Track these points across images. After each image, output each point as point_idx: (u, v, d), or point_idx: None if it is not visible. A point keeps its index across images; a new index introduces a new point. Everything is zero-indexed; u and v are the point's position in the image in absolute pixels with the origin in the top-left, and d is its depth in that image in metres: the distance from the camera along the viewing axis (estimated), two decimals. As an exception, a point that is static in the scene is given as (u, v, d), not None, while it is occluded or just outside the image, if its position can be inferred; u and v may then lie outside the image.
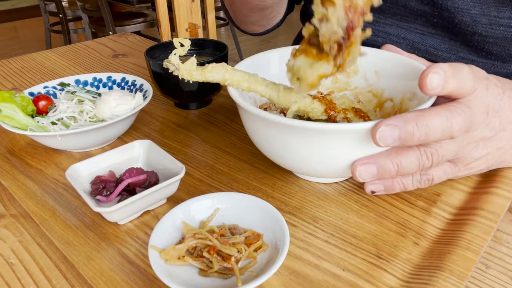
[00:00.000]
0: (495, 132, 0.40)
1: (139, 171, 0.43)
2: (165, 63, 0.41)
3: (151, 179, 0.43)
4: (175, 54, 0.41)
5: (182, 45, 0.41)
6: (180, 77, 0.41)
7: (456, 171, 0.42)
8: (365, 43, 0.63)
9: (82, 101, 0.56)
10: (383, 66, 0.50)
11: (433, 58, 0.59)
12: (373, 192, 0.40)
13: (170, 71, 0.41)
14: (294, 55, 0.38)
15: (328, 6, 0.32)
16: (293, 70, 0.38)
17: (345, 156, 0.38)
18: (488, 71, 0.56)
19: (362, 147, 0.37)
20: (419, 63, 0.45)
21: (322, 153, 0.38)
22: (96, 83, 0.63)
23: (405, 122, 0.34)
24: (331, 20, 0.32)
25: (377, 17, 0.60)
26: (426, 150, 0.38)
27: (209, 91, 0.62)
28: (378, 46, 0.61)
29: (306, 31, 0.37)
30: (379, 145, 0.35)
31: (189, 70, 0.41)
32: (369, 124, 0.35)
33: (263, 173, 0.48)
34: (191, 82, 0.41)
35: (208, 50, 0.66)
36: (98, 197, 0.41)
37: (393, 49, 0.48)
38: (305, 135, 0.37)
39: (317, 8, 0.33)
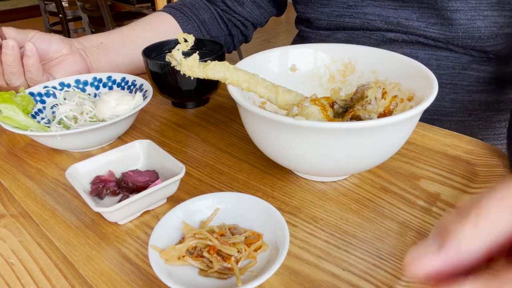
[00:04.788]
0: None
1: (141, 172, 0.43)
2: (168, 58, 0.41)
3: (151, 179, 0.43)
4: (178, 49, 0.41)
5: (185, 41, 0.41)
6: (181, 72, 0.41)
7: None
8: (344, 26, 0.68)
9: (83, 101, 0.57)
10: (380, 65, 0.50)
11: (405, 29, 0.63)
12: None
13: (172, 65, 0.41)
14: (313, 100, 0.43)
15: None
16: (302, 111, 0.42)
17: (347, 154, 0.38)
18: (457, 32, 0.59)
19: (365, 145, 0.38)
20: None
21: (323, 151, 0.38)
22: (96, 83, 0.63)
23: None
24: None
25: (356, 2, 0.66)
26: None
27: (207, 90, 0.62)
28: (357, 27, 0.67)
29: (333, 95, 0.46)
30: None
31: (191, 66, 0.41)
32: (371, 123, 0.35)
33: (263, 173, 0.48)
34: (192, 78, 0.41)
35: (205, 50, 0.66)
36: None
37: None
38: (307, 134, 0.37)
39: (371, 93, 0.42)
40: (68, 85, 0.61)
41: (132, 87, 0.61)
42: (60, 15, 3.01)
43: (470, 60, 0.63)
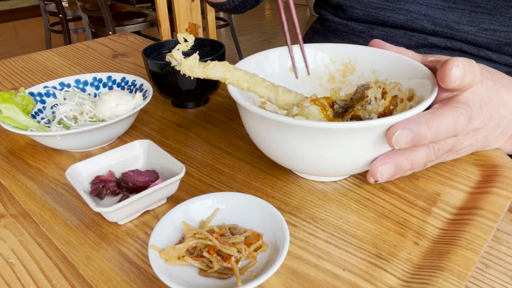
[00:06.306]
0: (484, 123, 0.43)
1: (140, 172, 0.43)
2: (168, 57, 0.41)
3: (151, 179, 0.43)
4: (178, 49, 0.41)
5: (185, 41, 0.41)
6: (181, 72, 0.41)
7: (445, 157, 0.46)
8: (383, 21, 0.63)
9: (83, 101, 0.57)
10: (380, 65, 0.50)
11: (454, 32, 0.59)
12: (376, 181, 0.42)
13: (172, 65, 0.41)
14: (313, 100, 0.43)
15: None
16: (302, 111, 0.43)
17: (347, 154, 0.38)
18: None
19: (365, 145, 0.38)
20: (417, 60, 0.46)
21: (323, 151, 0.38)
22: (96, 83, 0.63)
23: (418, 126, 0.36)
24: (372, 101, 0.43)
25: None
26: (434, 146, 0.41)
27: (207, 90, 0.62)
28: (398, 23, 0.62)
29: (333, 95, 0.46)
30: (394, 147, 0.37)
31: (191, 66, 0.41)
32: (371, 123, 0.35)
33: (263, 173, 0.48)
34: (192, 78, 0.41)
35: (205, 49, 0.66)
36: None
37: (381, 44, 0.49)
38: (307, 134, 0.37)
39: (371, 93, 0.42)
40: (68, 85, 0.61)
41: (132, 87, 0.61)
42: (60, 15, 3.01)
43: (508, 71, 0.60)
